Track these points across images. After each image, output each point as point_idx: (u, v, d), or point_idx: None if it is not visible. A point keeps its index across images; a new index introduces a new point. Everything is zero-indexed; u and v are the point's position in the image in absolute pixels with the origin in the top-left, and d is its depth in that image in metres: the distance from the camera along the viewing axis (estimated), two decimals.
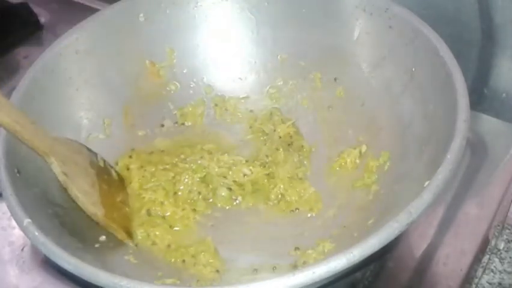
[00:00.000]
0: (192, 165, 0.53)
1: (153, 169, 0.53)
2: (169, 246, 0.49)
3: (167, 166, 0.54)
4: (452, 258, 0.47)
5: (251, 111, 0.59)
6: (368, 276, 0.46)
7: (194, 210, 0.51)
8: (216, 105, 0.59)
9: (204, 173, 0.53)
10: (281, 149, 0.54)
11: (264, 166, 0.54)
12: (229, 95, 0.60)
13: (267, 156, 0.55)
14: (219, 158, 0.54)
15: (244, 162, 0.54)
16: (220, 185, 0.52)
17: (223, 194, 0.52)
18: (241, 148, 0.56)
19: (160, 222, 0.50)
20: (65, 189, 0.46)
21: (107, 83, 0.56)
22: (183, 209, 0.51)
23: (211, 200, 0.52)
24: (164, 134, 0.58)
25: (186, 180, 0.52)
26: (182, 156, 0.54)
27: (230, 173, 0.53)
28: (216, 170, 0.53)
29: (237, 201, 0.52)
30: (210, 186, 0.52)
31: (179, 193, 0.52)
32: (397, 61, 0.51)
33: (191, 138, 0.58)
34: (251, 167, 0.53)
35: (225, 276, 0.46)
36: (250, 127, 0.58)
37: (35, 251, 0.49)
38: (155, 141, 0.57)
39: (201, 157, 0.54)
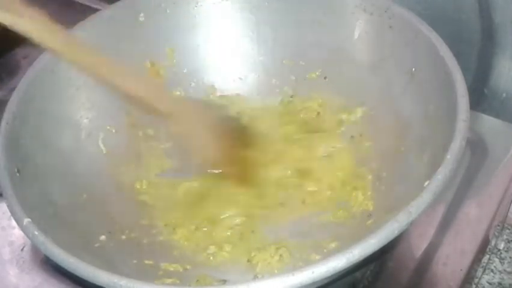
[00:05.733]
0: None
1: None
2: None
3: None
4: (452, 258, 0.47)
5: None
6: (368, 276, 0.46)
7: None
8: None
9: None
10: None
11: None
12: (229, 95, 0.60)
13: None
14: None
15: None
16: None
17: None
18: None
19: None
20: None
21: None
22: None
23: None
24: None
25: None
26: None
27: None
28: None
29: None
30: None
31: None
32: (397, 61, 0.51)
33: None
34: None
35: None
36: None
37: (35, 251, 0.49)
38: None
39: None
